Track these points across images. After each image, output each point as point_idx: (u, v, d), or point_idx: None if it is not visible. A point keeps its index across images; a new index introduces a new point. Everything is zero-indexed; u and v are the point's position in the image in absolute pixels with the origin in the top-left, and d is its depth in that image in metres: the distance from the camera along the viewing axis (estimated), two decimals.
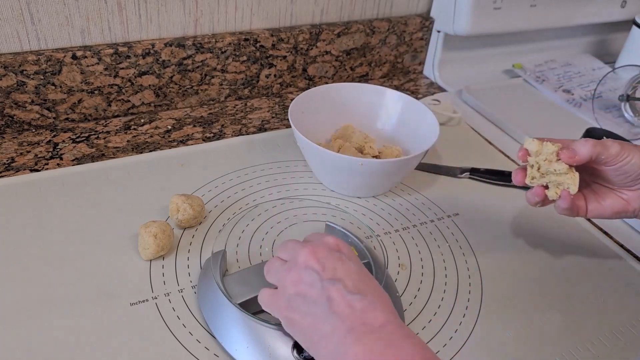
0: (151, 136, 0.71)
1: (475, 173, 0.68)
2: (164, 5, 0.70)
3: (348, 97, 0.70)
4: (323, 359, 0.38)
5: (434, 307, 0.51)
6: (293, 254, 0.41)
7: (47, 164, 0.64)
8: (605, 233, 0.63)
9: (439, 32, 0.92)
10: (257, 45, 0.78)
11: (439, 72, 0.95)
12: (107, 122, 0.73)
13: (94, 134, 0.70)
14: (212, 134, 0.73)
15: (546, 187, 0.48)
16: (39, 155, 0.65)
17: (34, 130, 0.69)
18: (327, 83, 0.85)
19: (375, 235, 0.57)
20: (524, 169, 0.49)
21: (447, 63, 0.95)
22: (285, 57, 0.81)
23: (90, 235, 0.54)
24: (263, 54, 0.79)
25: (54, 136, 0.68)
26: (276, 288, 0.42)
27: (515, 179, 0.49)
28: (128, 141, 0.69)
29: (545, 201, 0.49)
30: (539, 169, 0.47)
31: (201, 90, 0.78)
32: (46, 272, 0.50)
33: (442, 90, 0.92)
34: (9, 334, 0.44)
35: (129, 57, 0.70)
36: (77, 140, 0.68)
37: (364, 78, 0.91)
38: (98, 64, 0.68)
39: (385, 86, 0.70)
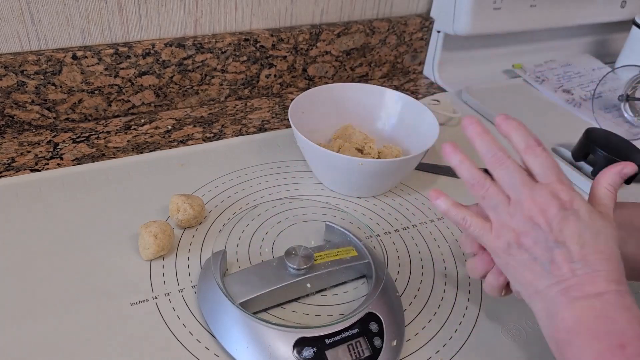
0: (151, 136, 0.71)
1: None
2: (164, 5, 0.71)
3: (348, 97, 0.70)
4: (535, 310, 0.39)
5: (434, 307, 0.51)
6: (519, 196, 0.39)
7: (47, 164, 0.64)
8: None
9: (438, 32, 0.92)
10: (257, 45, 0.78)
11: (438, 72, 0.95)
12: (108, 122, 0.73)
13: (94, 134, 0.70)
14: (212, 134, 0.73)
15: None
16: (39, 155, 0.65)
17: (34, 130, 0.69)
18: (327, 83, 0.85)
19: (375, 235, 0.58)
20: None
21: (447, 63, 0.95)
22: (285, 57, 0.81)
23: (90, 235, 0.54)
24: (263, 54, 0.79)
25: (54, 136, 0.68)
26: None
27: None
28: (128, 141, 0.69)
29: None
30: None
31: (201, 90, 0.78)
32: (46, 271, 0.50)
33: (442, 90, 0.93)
34: (9, 333, 0.44)
35: (129, 57, 0.70)
36: (78, 140, 0.68)
37: (364, 78, 0.91)
38: (98, 64, 0.68)
39: (385, 86, 0.71)
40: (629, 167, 0.41)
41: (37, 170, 0.62)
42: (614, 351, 0.33)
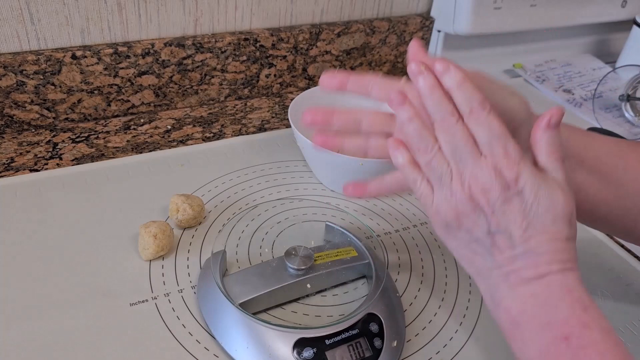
0: (151, 136, 0.71)
1: None
2: (163, 5, 0.70)
3: (348, 97, 0.69)
4: (480, 289, 0.37)
5: (435, 308, 0.51)
6: (462, 172, 0.36)
7: (46, 164, 0.63)
8: (606, 233, 0.63)
9: (439, 31, 0.91)
10: (257, 45, 0.78)
11: None
12: (107, 122, 0.73)
13: (94, 134, 0.70)
14: (212, 134, 0.73)
15: None
16: (39, 155, 0.65)
17: (33, 130, 0.69)
18: None
19: (375, 235, 0.57)
20: None
21: None
22: (285, 57, 0.81)
23: (90, 235, 0.54)
24: (263, 54, 0.79)
25: (54, 136, 0.68)
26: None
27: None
28: (128, 141, 0.69)
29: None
30: None
31: (201, 90, 0.78)
32: (45, 272, 0.50)
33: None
34: (8, 334, 0.44)
35: (128, 57, 0.69)
36: (77, 140, 0.68)
37: None
38: (98, 63, 0.68)
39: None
40: (555, 115, 0.35)
41: (37, 170, 0.62)
42: (558, 344, 0.32)
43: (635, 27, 0.96)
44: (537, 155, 0.36)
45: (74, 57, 0.66)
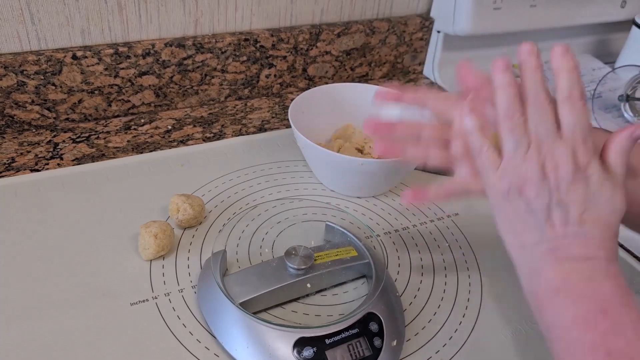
0: (151, 136, 0.71)
1: None
2: (164, 5, 0.70)
3: (348, 97, 0.70)
4: (516, 262, 0.38)
5: (434, 307, 0.51)
6: (541, 144, 0.37)
7: (47, 164, 0.64)
8: None
9: (439, 32, 0.91)
10: (257, 45, 0.78)
11: (439, 72, 0.94)
12: (107, 122, 0.73)
13: (94, 134, 0.70)
14: (212, 134, 0.73)
15: None
16: (39, 155, 0.65)
17: (34, 130, 0.69)
18: (327, 83, 0.85)
19: (375, 235, 0.57)
20: None
21: (447, 63, 0.95)
22: (285, 57, 0.81)
23: (90, 235, 0.54)
24: (263, 54, 0.79)
25: (54, 136, 0.68)
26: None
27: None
28: (128, 141, 0.69)
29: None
30: None
31: (201, 90, 0.78)
32: (46, 272, 0.50)
33: (442, 90, 0.92)
34: (8, 334, 0.44)
35: (129, 57, 0.70)
36: (77, 140, 0.68)
37: (364, 78, 0.91)
38: (98, 64, 0.68)
39: (386, 86, 0.70)
40: (638, 130, 0.38)
41: (37, 170, 0.62)
42: (595, 316, 0.34)
43: (634, 28, 0.97)
44: (609, 153, 0.38)
45: (74, 57, 0.67)
